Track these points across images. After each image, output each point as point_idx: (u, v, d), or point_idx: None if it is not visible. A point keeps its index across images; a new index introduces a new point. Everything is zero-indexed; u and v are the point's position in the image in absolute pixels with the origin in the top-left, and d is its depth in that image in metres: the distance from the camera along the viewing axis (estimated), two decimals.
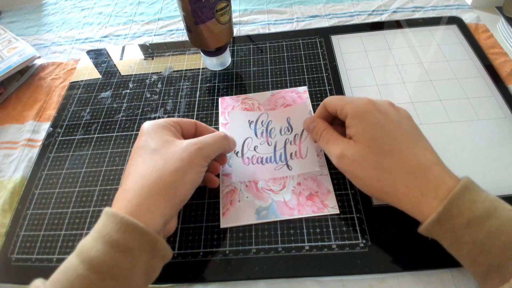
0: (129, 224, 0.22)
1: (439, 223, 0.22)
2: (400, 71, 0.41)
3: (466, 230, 0.22)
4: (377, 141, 0.26)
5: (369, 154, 0.26)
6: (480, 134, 0.34)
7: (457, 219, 0.22)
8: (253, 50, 0.46)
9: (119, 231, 0.22)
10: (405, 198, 0.24)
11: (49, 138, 0.40)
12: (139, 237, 0.22)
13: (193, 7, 0.34)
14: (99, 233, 0.22)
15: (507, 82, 0.38)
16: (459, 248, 0.22)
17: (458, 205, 0.22)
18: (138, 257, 0.22)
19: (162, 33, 0.53)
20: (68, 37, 0.55)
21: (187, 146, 0.27)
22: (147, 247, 0.23)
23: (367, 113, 0.27)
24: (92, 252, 0.21)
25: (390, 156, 0.25)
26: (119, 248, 0.21)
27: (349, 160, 0.27)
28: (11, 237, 0.32)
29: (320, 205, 0.31)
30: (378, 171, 0.25)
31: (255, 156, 0.34)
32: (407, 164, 0.24)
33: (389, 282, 0.27)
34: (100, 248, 0.21)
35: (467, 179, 0.23)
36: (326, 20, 0.50)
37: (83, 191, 0.35)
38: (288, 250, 0.29)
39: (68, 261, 0.22)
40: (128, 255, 0.21)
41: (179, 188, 0.26)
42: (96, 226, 0.23)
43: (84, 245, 0.22)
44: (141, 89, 0.44)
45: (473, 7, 0.50)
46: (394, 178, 0.25)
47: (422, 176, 0.24)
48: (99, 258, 0.21)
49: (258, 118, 0.37)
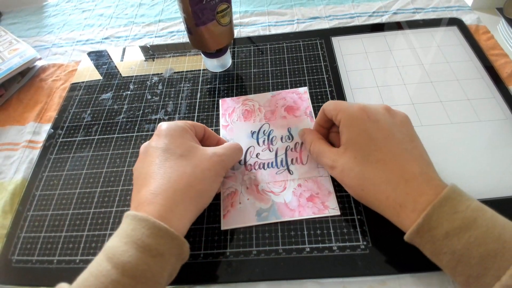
0: (161, 229, 0.22)
1: (419, 234, 0.23)
2: (400, 72, 0.41)
3: (444, 241, 0.22)
4: (363, 151, 0.26)
5: (355, 165, 0.26)
6: (480, 136, 0.34)
7: (436, 231, 0.22)
8: (253, 51, 0.46)
9: (151, 236, 0.22)
10: (386, 209, 0.25)
11: (50, 140, 0.40)
12: (170, 242, 0.23)
13: (194, 9, 0.34)
14: (130, 238, 0.22)
15: (508, 83, 0.38)
16: (439, 258, 0.23)
17: (437, 217, 0.22)
18: (168, 261, 0.23)
19: (163, 34, 0.53)
20: (69, 39, 0.55)
21: (213, 157, 0.28)
22: (175, 251, 0.23)
23: (357, 121, 0.27)
24: (125, 257, 0.21)
25: (374, 167, 0.25)
26: (151, 252, 0.22)
27: (339, 170, 0.27)
28: (11, 239, 0.32)
29: (320, 206, 0.31)
30: (362, 181, 0.26)
31: (257, 162, 0.35)
32: (390, 176, 0.25)
33: (390, 283, 0.27)
34: (133, 253, 0.21)
35: (451, 188, 0.23)
36: (327, 21, 0.50)
37: (84, 193, 0.35)
38: (289, 252, 0.29)
39: (98, 264, 0.22)
40: (159, 259, 0.22)
41: (206, 196, 0.27)
42: (124, 229, 0.23)
43: (115, 249, 0.22)
44: (141, 90, 0.44)
45: (473, 8, 0.50)
46: (376, 189, 0.25)
47: (401, 189, 0.24)
48: (132, 263, 0.21)
49: (260, 128, 0.37)
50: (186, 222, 0.25)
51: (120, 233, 0.23)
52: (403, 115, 0.28)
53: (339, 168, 0.27)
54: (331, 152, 0.29)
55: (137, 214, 0.23)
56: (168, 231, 0.23)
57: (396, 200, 0.24)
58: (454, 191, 0.23)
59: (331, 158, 0.28)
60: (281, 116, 0.38)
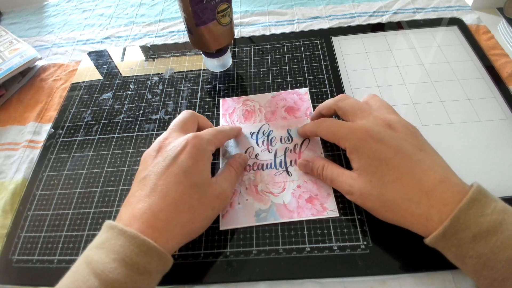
0: (150, 248, 0.22)
1: (445, 237, 0.22)
2: (401, 72, 0.41)
3: (471, 244, 0.22)
4: (376, 174, 0.26)
5: (372, 189, 0.26)
6: (481, 136, 0.34)
7: (463, 234, 0.22)
8: (254, 51, 0.46)
9: (140, 254, 0.22)
10: (413, 225, 0.25)
11: (50, 139, 0.40)
12: (157, 260, 0.23)
13: (194, 8, 0.34)
14: (119, 254, 0.22)
15: (508, 83, 0.38)
16: (464, 262, 0.22)
17: (464, 220, 0.22)
18: (154, 278, 0.23)
19: (163, 34, 0.53)
20: (69, 39, 0.55)
21: (220, 196, 0.28)
22: (161, 268, 0.24)
23: (363, 146, 0.26)
24: (114, 275, 0.21)
25: (392, 188, 0.25)
26: (140, 270, 0.22)
27: (357, 195, 0.27)
28: (12, 238, 0.33)
29: (319, 208, 0.31)
30: (383, 203, 0.25)
31: (256, 163, 0.34)
32: (409, 193, 0.24)
33: (390, 283, 0.27)
34: (121, 270, 0.21)
35: (477, 189, 0.22)
36: (327, 21, 0.50)
37: (84, 193, 0.35)
38: (289, 252, 0.29)
39: (85, 279, 0.21)
40: (146, 277, 0.22)
41: (201, 231, 0.28)
42: (111, 243, 0.22)
43: (103, 265, 0.21)
44: (142, 90, 0.44)
45: (474, 8, 0.50)
46: (399, 208, 0.25)
47: (424, 203, 0.24)
48: (121, 281, 0.21)
49: (260, 129, 0.37)
50: (175, 245, 0.25)
51: (105, 247, 0.22)
52: (403, 124, 0.28)
53: (357, 193, 0.27)
54: (345, 176, 0.28)
55: (126, 229, 0.23)
56: (157, 250, 0.23)
57: (421, 215, 0.24)
58: (480, 192, 0.22)
59: (347, 183, 0.28)
60: (282, 116, 0.38)
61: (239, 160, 0.33)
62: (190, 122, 0.32)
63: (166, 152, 0.27)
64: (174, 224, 0.24)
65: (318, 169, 0.31)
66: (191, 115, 0.32)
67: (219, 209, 0.29)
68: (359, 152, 0.27)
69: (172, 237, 0.24)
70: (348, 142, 0.28)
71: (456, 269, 0.27)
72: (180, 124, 0.31)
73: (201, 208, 0.26)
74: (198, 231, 0.27)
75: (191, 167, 0.26)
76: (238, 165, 0.32)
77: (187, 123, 0.31)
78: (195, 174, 0.26)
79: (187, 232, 0.26)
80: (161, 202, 0.24)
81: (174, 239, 0.25)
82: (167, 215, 0.24)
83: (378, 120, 0.28)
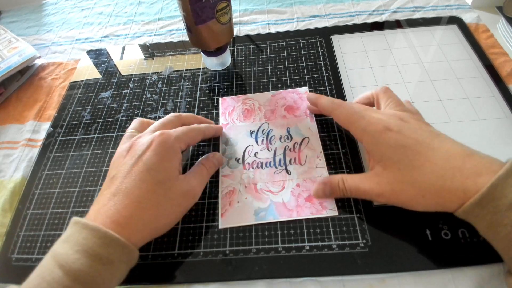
0: (112, 239, 0.23)
1: (481, 204, 0.23)
2: (400, 71, 0.41)
3: (506, 212, 0.22)
4: (404, 160, 0.26)
5: (402, 175, 0.26)
6: (480, 134, 0.34)
7: (500, 201, 0.22)
8: (253, 50, 0.46)
9: (102, 246, 0.23)
10: (451, 204, 0.25)
11: (49, 138, 0.40)
12: (120, 251, 0.23)
13: (194, 7, 0.34)
14: (82, 246, 0.23)
15: (507, 82, 0.38)
16: (497, 230, 0.23)
17: (502, 188, 0.22)
18: (118, 268, 0.24)
19: (162, 33, 0.53)
20: (68, 37, 0.55)
21: (187, 193, 0.28)
22: (125, 259, 0.24)
23: (383, 137, 0.27)
24: (77, 265, 0.22)
25: (423, 169, 0.25)
26: (102, 261, 0.23)
27: (389, 191, 0.27)
28: (11, 237, 0.32)
29: (319, 207, 0.31)
30: (418, 188, 0.25)
31: (255, 161, 0.34)
32: (440, 171, 0.24)
33: (389, 282, 0.27)
34: (84, 261, 0.22)
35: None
36: (327, 20, 0.50)
37: (83, 191, 0.35)
38: (288, 250, 0.29)
39: (50, 271, 0.22)
40: (109, 267, 0.23)
41: (168, 227, 0.28)
42: (74, 237, 0.23)
43: (67, 256, 0.22)
44: (141, 89, 0.44)
45: (473, 7, 0.50)
46: (435, 188, 0.24)
47: (458, 177, 0.24)
48: (84, 270, 0.22)
49: (259, 128, 0.37)
50: (139, 240, 0.25)
51: (70, 240, 0.23)
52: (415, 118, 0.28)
53: (388, 189, 0.26)
54: (369, 178, 0.28)
55: (88, 223, 0.23)
56: (119, 240, 0.23)
57: (458, 189, 0.24)
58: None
59: (374, 182, 0.27)
60: (281, 115, 0.38)
61: (212, 159, 0.33)
62: (170, 124, 0.31)
63: (134, 151, 0.28)
64: (137, 220, 0.25)
65: (340, 185, 0.29)
66: (174, 117, 0.32)
67: (187, 206, 0.29)
68: (379, 144, 0.27)
69: (135, 232, 0.25)
70: (366, 135, 0.28)
71: (456, 268, 0.27)
72: (159, 126, 0.31)
73: (166, 204, 0.27)
74: (164, 227, 0.27)
75: (155, 164, 0.27)
76: (212, 165, 0.32)
77: (166, 125, 0.31)
78: (159, 171, 0.27)
79: (152, 227, 0.26)
80: (125, 200, 0.25)
81: (138, 234, 0.25)
82: (131, 211, 0.25)
83: (392, 114, 0.29)
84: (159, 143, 0.28)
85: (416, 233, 0.28)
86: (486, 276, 0.27)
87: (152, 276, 0.29)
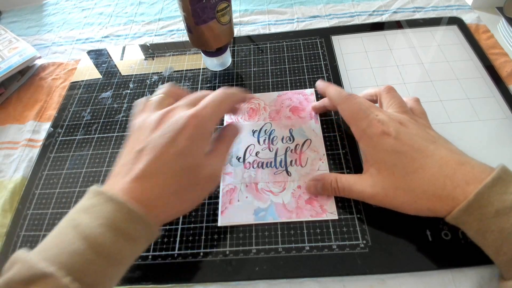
0: (138, 216, 0.23)
1: (468, 211, 0.23)
2: (400, 71, 0.41)
3: (493, 219, 0.22)
4: (398, 166, 0.26)
5: (396, 180, 0.26)
6: (480, 135, 0.34)
7: (486, 209, 0.22)
8: (253, 50, 0.46)
9: (128, 222, 0.22)
10: (441, 210, 0.25)
11: (50, 138, 0.40)
12: (144, 229, 0.23)
13: (194, 7, 0.34)
14: (107, 220, 0.22)
15: (508, 83, 0.38)
16: (485, 236, 0.23)
17: (488, 195, 0.22)
18: (139, 245, 0.24)
19: (162, 33, 0.53)
20: (68, 37, 0.55)
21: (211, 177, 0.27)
22: (147, 238, 0.24)
23: (381, 141, 0.27)
24: (101, 239, 0.21)
25: (416, 176, 0.25)
26: (125, 237, 0.22)
27: (382, 194, 0.27)
28: (11, 237, 0.32)
29: (319, 210, 0.31)
30: (411, 194, 0.26)
31: (256, 161, 0.34)
32: (432, 178, 0.25)
33: (390, 282, 0.27)
34: (108, 236, 0.21)
35: (502, 169, 0.23)
36: (327, 20, 0.50)
37: (84, 192, 0.34)
38: (289, 251, 0.29)
39: (69, 240, 0.21)
40: (132, 243, 0.23)
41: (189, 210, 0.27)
42: (97, 208, 0.22)
43: (89, 228, 0.21)
44: (141, 89, 0.44)
45: (473, 7, 0.50)
46: (427, 196, 0.25)
47: (448, 185, 0.24)
48: (107, 245, 0.21)
49: (262, 127, 0.37)
50: (159, 222, 0.25)
51: (92, 211, 0.22)
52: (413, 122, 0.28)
53: (381, 192, 0.27)
54: (363, 179, 0.28)
55: (114, 196, 0.22)
56: (144, 218, 0.23)
57: (448, 197, 0.24)
58: (505, 172, 0.23)
59: (368, 184, 0.28)
60: (286, 116, 0.38)
61: (229, 132, 0.31)
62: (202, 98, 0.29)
63: (167, 129, 0.26)
64: (162, 203, 0.24)
65: (332, 183, 0.30)
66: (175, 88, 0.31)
67: (210, 190, 0.28)
68: (376, 147, 0.27)
69: (159, 213, 0.24)
70: (365, 137, 0.28)
71: (456, 268, 0.27)
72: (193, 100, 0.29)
73: (191, 189, 0.26)
74: (186, 210, 0.27)
75: (186, 148, 0.25)
76: (229, 139, 0.30)
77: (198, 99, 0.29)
78: (189, 156, 0.25)
79: (175, 210, 0.26)
80: (152, 180, 0.24)
81: (161, 215, 0.25)
82: (156, 193, 0.24)
83: (392, 116, 0.29)
84: (194, 127, 0.26)
85: (416, 233, 0.28)
86: (486, 277, 0.27)
87: (152, 276, 0.29)
